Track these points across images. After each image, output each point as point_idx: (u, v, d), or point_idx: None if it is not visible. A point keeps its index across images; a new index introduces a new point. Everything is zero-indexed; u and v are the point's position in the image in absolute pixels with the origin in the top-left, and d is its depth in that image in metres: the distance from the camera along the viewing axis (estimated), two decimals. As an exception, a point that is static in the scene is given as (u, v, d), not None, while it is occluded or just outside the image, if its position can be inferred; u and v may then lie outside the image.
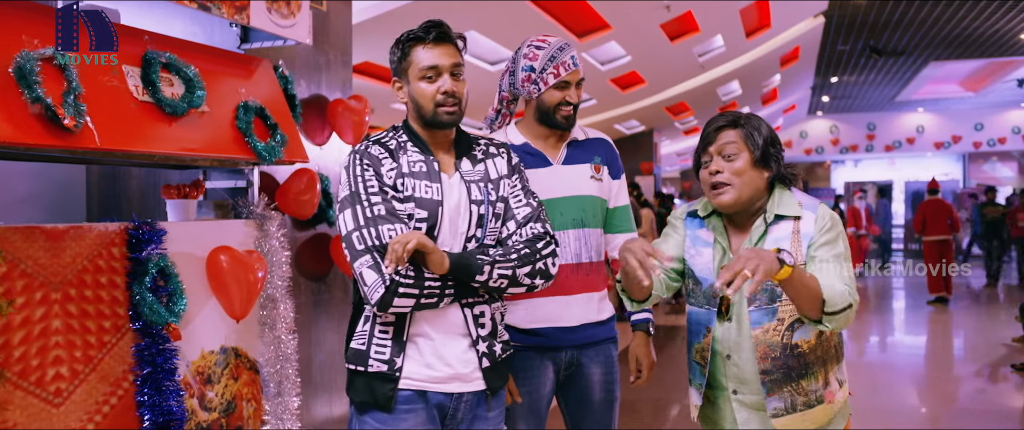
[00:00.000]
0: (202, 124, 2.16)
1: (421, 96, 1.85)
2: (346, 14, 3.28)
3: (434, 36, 1.84)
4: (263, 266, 2.36)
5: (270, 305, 2.50)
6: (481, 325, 1.86)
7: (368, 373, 1.83)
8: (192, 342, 2.22)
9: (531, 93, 2.28)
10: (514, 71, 2.33)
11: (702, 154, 1.97)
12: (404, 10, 4.86)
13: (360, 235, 1.74)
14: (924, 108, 18.75)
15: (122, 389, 1.96)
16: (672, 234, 2.12)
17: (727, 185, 1.90)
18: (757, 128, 1.92)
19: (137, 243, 1.99)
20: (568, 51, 2.27)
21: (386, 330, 1.82)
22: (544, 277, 1.86)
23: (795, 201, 1.94)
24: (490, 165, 1.95)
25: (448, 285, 1.76)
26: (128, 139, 1.88)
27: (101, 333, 1.91)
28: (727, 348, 1.95)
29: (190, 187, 2.39)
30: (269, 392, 2.51)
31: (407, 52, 1.86)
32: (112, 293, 1.95)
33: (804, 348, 1.89)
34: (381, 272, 1.70)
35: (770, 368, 1.89)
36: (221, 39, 2.65)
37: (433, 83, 1.84)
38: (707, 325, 1.99)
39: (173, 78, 2.07)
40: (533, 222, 1.89)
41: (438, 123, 1.85)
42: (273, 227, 2.49)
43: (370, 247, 1.72)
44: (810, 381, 1.90)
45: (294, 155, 2.49)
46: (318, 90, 3.08)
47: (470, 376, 1.86)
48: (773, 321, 1.89)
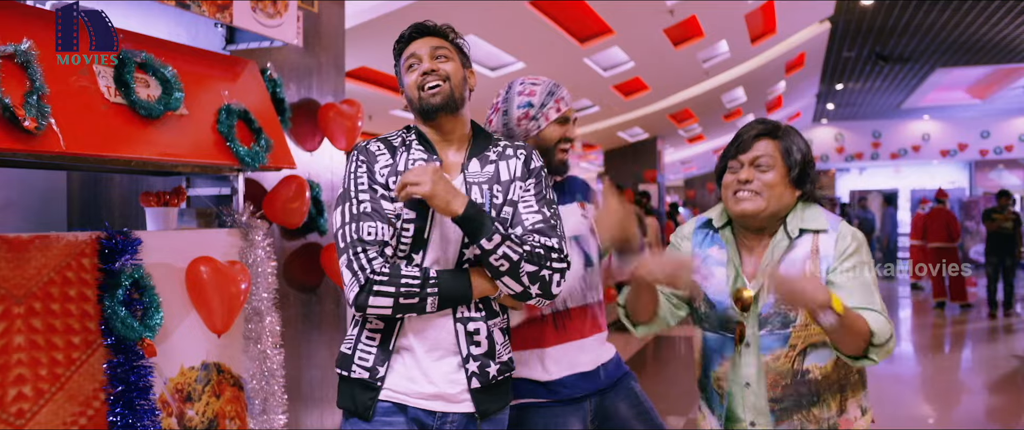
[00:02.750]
0: (181, 128, 2.05)
1: (408, 88, 1.81)
2: (338, 16, 3.17)
3: (412, 30, 1.83)
4: (246, 277, 2.25)
5: (255, 318, 2.39)
6: (475, 342, 1.72)
7: (351, 379, 1.76)
8: (171, 357, 2.11)
9: (529, 131, 2.10)
10: (507, 111, 2.13)
11: (731, 159, 1.82)
12: (401, 13, 4.75)
13: (344, 232, 1.68)
14: (930, 115, 18.61)
15: (92, 409, 1.85)
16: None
17: (756, 194, 1.77)
18: (796, 144, 1.80)
19: (110, 253, 1.88)
20: (563, 88, 2.17)
21: (373, 337, 1.74)
22: (544, 290, 1.69)
23: (822, 215, 1.81)
24: (503, 166, 1.80)
25: (429, 284, 1.65)
26: (98, 143, 1.77)
27: (69, 349, 1.80)
28: (747, 376, 1.82)
29: (170, 194, 2.28)
30: (254, 409, 2.40)
31: (397, 54, 1.85)
32: (82, 307, 1.84)
33: (817, 375, 1.75)
34: (355, 270, 1.63)
35: (780, 396, 1.76)
36: (206, 40, 2.54)
37: (414, 71, 1.79)
38: (722, 353, 1.85)
39: (149, 79, 1.96)
40: (544, 235, 1.71)
41: (429, 108, 1.76)
42: (259, 236, 2.38)
43: (350, 243, 1.66)
44: (822, 408, 1.76)
45: (280, 161, 2.39)
46: (309, 94, 2.98)
47: (457, 397, 1.72)
48: (785, 347, 1.76)
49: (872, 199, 17.56)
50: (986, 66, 13.13)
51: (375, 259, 1.64)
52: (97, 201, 2.70)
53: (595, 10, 6.56)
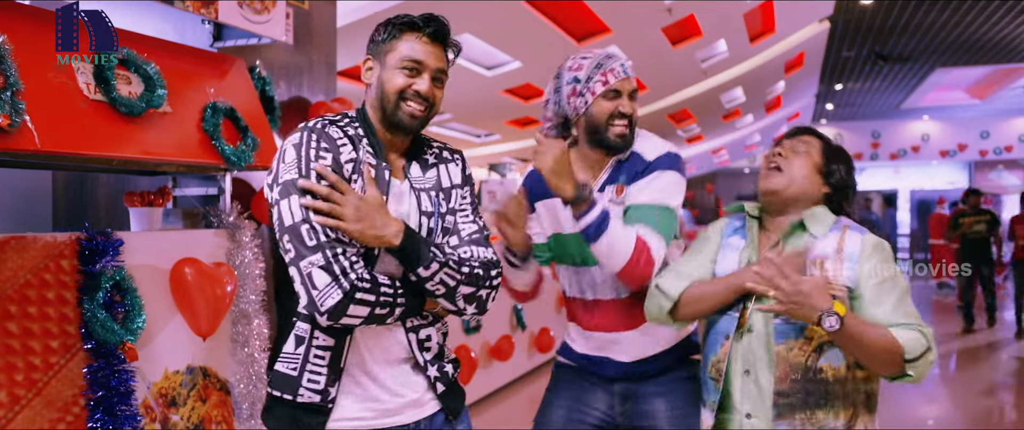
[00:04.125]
0: (164, 126, 2.00)
1: (390, 85, 1.61)
2: (330, 13, 3.13)
3: (431, 31, 1.62)
4: (232, 279, 2.20)
5: (243, 321, 2.34)
6: (426, 348, 1.66)
7: (296, 403, 1.58)
8: (155, 361, 2.06)
9: (577, 109, 1.99)
10: (559, 88, 2.03)
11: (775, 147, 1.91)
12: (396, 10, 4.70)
13: (311, 228, 1.45)
14: (929, 116, 18.57)
15: (71, 414, 1.80)
16: (704, 247, 1.95)
17: (781, 171, 1.83)
18: (839, 156, 1.88)
19: (90, 255, 1.83)
20: (617, 58, 2.01)
21: (322, 355, 1.57)
22: (479, 308, 1.64)
23: (830, 223, 1.80)
24: (442, 172, 1.72)
25: (399, 294, 1.53)
26: (76, 141, 1.72)
27: (47, 353, 1.75)
28: (747, 363, 1.75)
29: (155, 194, 2.23)
30: (241, 414, 2.35)
31: (394, 35, 1.62)
32: (61, 310, 1.79)
33: (829, 375, 1.69)
34: (336, 274, 1.45)
35: (787, 390, 1.69)
36: (194, 38, 2.50)
37: (410, 78, 1.62)
38: (727, 334, 1.79)
39: (131, 76, 1.91)
40: (481, 246, 1.66)
41: (397, 122, 1.61)
42: (246, 237, 2.33)
43: (324, 242, 1.45)
44: (828, 414, 1.69)
45: (268, 160, 2.33)
46: (299, 92, 2.93)
47: (425, 401, 1.66)
48: (800, 339, 1.70)
49: (872, 200, 17.53)
50: (986, 66, 13.09)
51: (357, 263, 1.48)
52: (83, 201, 2.65)
53: (592, 8, 6.51)
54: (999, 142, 18.56)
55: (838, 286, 1.69)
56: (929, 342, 1.63)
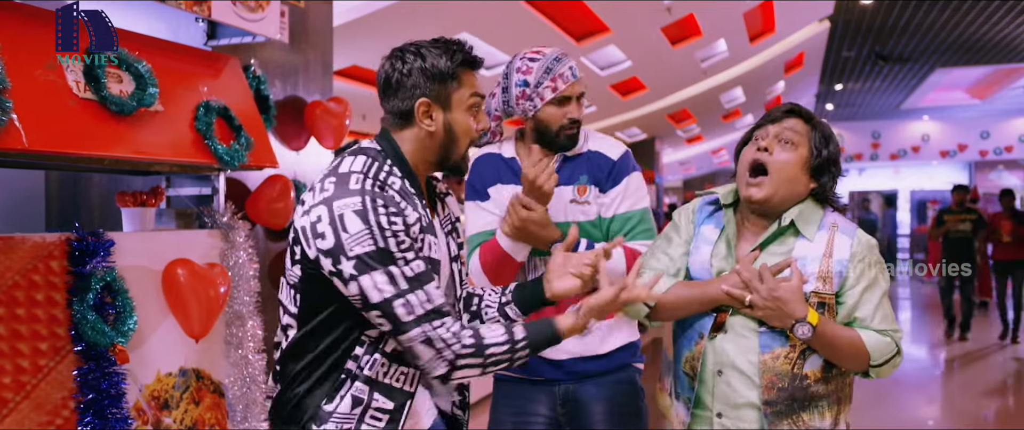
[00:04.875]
0: (156, 125, 1.97)
1: (463, 130, 1.57)
2: (326, 12, 3.10)
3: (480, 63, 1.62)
4: (226, 280, 2.18)
5: (237, 322, 2.31)
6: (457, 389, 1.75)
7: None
8: (147, 363, 2.03)
9: (527, 111, 2.05)
10: (507, 87, 2.09)
11: (756, 131, 1.75)
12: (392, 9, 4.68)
13: (406, 303, 1.42)
14: (929, 116, 18.55)
15: (61, 418, 1.77)
16: (675, 237, 1.86)
17: (766, 178, 1.68)
18: (828, 137, 1.73)
19: (80, 255, 1.80)
20: (565, 61, 2.05)
21: (379, 418, 1.53)
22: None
23: (819, 221, 1.73)
24: (449, 207, 1.74)
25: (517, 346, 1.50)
26: (65, 140, 1.69)
27: (36, 356, 1.72)
28: (720, 363, 1.71)
29: (147, 194, 2.20)
30: (235, 417, 2.32)
31: (457, 75, 1.56)
32: (50, 311, 1.76)
33: (812, 379, 1.67)
34: (438, 349, 1.44)
35: (775, 399, 1.66)
36: (187, 36, 2.47)
37: (476, 119, 1.60)
38: (700, 331, 1.76)
39: (122, 74, 1.88)
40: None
41: (458, 164, 1.61)
42: (240, 238, 2.30)
43: (421, 316, 1.43)
44: (813, 415, 1.67)
45: (262, 160, 2.31)
46: (295, 91, 2.90)
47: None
48: (785, 347, 1.67)
49: (872, 200, 17.50)
50: (986, 66, 13.07)
51: (457, 332, 1.46)
52: (76, 201, 2.63)
53: (591, 8, 6.49)
54: (999, 142, 18.55)
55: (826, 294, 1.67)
56: (898, 346, 1.67)
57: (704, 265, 1.77)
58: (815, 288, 1.65)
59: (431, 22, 5.66)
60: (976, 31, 10.31)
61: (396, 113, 1.57)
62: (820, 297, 1.65)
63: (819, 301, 1.65)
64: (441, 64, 1.54)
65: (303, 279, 1.52)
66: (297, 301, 1.55)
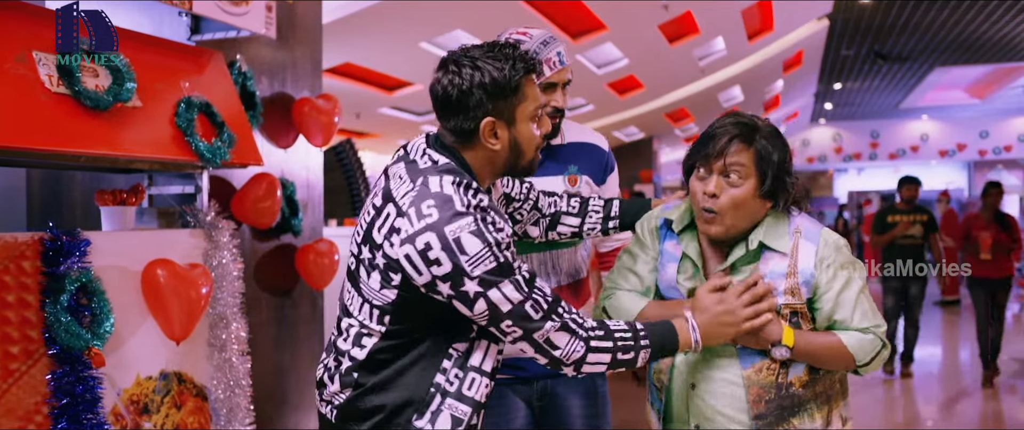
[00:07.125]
0: (134, 121, 1.92)
1: (528, 142, 1.52)
2: (315, 8, 3.05)
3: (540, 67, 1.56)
4: (208, 281, 2.12)
5: (220, 324, 2.26)
6: None
7: None
8: (125, 367, 1.98)
9: None
10: None
11: (699, 158, 1.63)
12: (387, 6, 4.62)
13: (535, 302, 1.42)
14: (928, 115, 18.51)
15: (33, 424, 1.71)
16: (641, 254, 1.77)
17: (718, 216, 1.59)
18: (773, 148, 1.58)
19: (54, 255, 1.75)
20: (553, 45, 1.94)
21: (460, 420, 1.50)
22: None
23: (788, 231, 1.64)
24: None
25: (640, 336, 1.51)
26: (36, 136, 1.64)
27: (7, 360, 1.67)
28: (693, 377, 1.66)
29: (127, 193, 2.15)
30: (219, 421, 2.26)
31: (518, 86, 1.46)
32: (22, 313, 1.70)
33: (797, 386, 1.63)
34: (574, 330, 1.45)
35: (764, 412, 1.61)
36: (170, 31, 2.41)
37: (540, 124, 1.53)
38: None
39: (98, 69, 1.83)
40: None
41: (526, 168, 1.56)
42: (224, 237, 2.25)
43: (550, 306, 1.44)
44: (803, 419, 1.63)
45: (246, 157, 2.25)
46: (283, 88, 2.85)
47: None
48: (766, 359, 1.62)
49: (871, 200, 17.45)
50: (985, 65, 13.03)
51: (581, 314, 1.48)
52: (58, 200, 2.57)
53: (588, 5, 6.43)
54: (998, 142, 18.50)
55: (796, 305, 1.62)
56: (882, 340, 1.63)
57: (672, 284, 1.71)
58: (785, 301, 1.60)
59: (426, 19, 5.60)
60: (975, 30, 10.26)
61: (459, 133, 1.49)
62: (791, 308, 1.61)
63: (792, 311, 1.61)
64: (501, 78, 1.44)
65: (398, 303, 1.46)
66: (385, 321, 1.49)
